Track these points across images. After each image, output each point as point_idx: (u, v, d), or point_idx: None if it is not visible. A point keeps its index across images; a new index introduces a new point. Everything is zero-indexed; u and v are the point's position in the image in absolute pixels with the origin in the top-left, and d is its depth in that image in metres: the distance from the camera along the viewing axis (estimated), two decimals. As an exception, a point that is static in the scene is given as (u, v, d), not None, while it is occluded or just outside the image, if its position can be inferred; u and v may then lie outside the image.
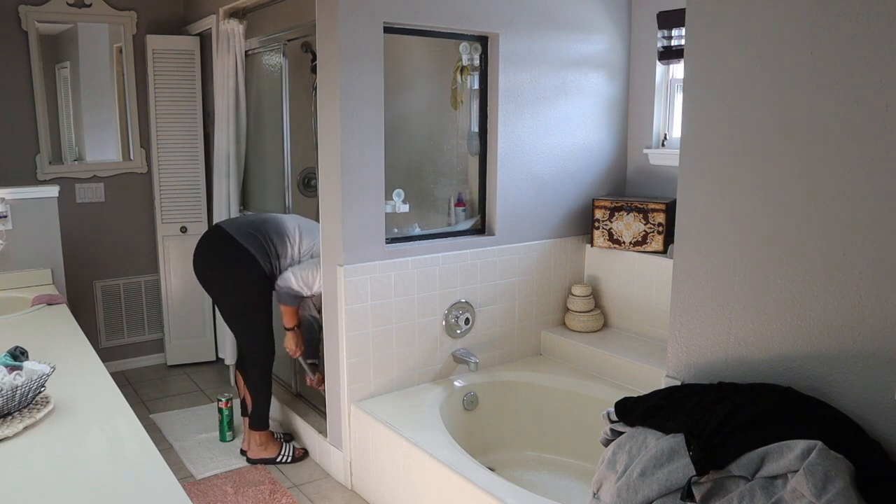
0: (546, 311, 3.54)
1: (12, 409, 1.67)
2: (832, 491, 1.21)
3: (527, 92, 3.26)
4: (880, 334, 1.35)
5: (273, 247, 3.10)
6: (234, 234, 3.07)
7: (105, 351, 4.39)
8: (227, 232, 3.09)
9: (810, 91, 1.42)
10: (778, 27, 1.47)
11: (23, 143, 4.02)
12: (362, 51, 2.75)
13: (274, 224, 3.18)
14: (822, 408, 1.41)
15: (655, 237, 3.29)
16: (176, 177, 4.32)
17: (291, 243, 3.14)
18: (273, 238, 3.11)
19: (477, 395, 3.20)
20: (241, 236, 3.07)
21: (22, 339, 2.24)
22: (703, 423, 1.42)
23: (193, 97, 4.28)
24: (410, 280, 3.04)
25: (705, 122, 1.63)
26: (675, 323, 1.73)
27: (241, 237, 3.06)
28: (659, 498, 1.41)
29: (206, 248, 3.13)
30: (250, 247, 3.05)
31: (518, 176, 3.31)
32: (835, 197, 1.40)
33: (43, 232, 3.18)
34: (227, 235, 3.08)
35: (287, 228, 3.17)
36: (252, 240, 3.07)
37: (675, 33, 3.39)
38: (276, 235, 3.12)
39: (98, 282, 4.35)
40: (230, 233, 3.08)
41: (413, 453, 2.61)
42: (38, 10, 3.96)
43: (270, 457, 3.23)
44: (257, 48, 3.78)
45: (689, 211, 1.68)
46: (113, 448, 1.60)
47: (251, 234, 3.08)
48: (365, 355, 2.98)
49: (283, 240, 3.13)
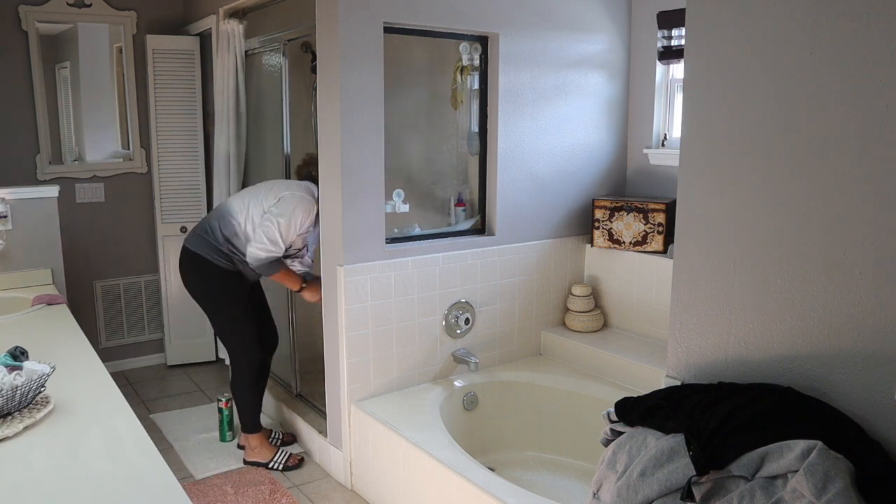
0: (546, 311, 3.54)
1: (12, 409, 1.67)
2: (832, 491, 1.21)
3: (527, 92, 3.26)
4: (880, 334, 1.35)
5: (218, 233, 3.03)
6: (188, 247, 3.09)
7: (105, 351, 4.39)
8: (184, 247, 3.12)
9: (810, 91, 1.42)
10: (778, 27, 1.47)
11: (23, 143, 4.02)
12: (362, 51, 2.75)
13: (218, 211, 3.15)
14: (822, 408, 1.41)
15: (655, 237, 3.29)
16: (176, 177, 4.32)
17: (240, 219, 3.04)
18: (216, 224, 3.06)
19: (477, 395, 3.20)
20: (192, 245, 3.08)
21: (22, 339, 2.24)
22: (703, 423, 1.42)
23: (193, 97, 4.28)
24: (410, 280, 3.04)
25: (705, 122, 1.63)
26: (675, 323, 1.73)
27: (193, 245, 3.08)
28: (659, 498, 1.41)
29: (180, 270, 3.18)
30: (199, 250, 3.05)
31: (518, 176, 3.31)
32: (835, 197, 1.40)
33: (43, 232, 3.18)
34: (184, 250, 3.11)
35: (231, 207, 3.09)
36: (198, 241, 3.07)
37: (675, 33, 3.39)
38: (219, 221, 3.06)
39: (98, 282, 4.35)
40: (186, 246, 3.11)
41: (413, 453, 2.61)
42: (38, 10, 3.96)
43: (263, 461, 3.23)
44: (257, 48, 3.78)
45: (689, 211, 1.68)
46: (113, 448, 1.60)
47: (197, 236, 3.09)
48: (365, 355, 2.98)
49: (228, 221, 3.05)
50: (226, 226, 3.05)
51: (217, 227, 3.06)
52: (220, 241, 3.04)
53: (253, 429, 3.24)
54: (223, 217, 3.08)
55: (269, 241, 2.95)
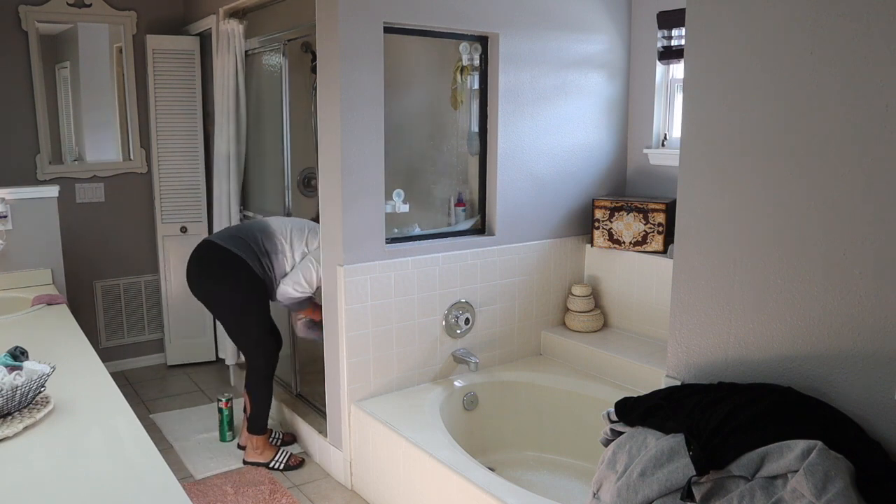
0: (546, 311, 3.54)
1: (12, 409, 1.67)
2: (832, 491, 1.21)
3: (527, 92, 3.26)
4: (880, 334, 1.35)
5: (261, 245, 3.10)
6: (220, 242, 3.11)
7: (105, 351, 4.39)
8: (214, 242, 3.13)
9: (810, 91, 1.42)
10: (778, 27, 1.47)
11: (23, 143, 4.02)
12: (362, 51, 2.75)
13: (259, 225, 3.22)
14: (822, 408, 1.41)
15: (655, 237, 3.29)
16: (176, 177, 4.32)
17: (283, 240, 3.14)
18: (259, 236, 3.12)
19: (477, 395, 3.20)
20: (227, 242, 3.10)
21: (22, 339, 2.24)
22: (703, 423, 1.42)
23: (193, 97, 4.28)
24: (410, 280, 3.04)
25: (705, 122, 1.63)
26: (675, 323, 1.73)
27: (228, 243, 3.10)
28: (659, 498, 1.41)
29: (198, 261, 3.17)
30: (237, 249, 3.07)
31: (518, 176, 3.31)
32: (835, 197, 1.40)
33: (43, 232, 3.18)
34: (214, 245, 3.12)
35: (273, 226, 3.19)
36: (238, 242, 3.10)
37: (675, 33, 3.39)
38: (262, 234, 3.14)
39: (98, 282, 4.35)
40: (217, 242, 3.12)
41: (413, 453, 2.61)
42: (38, 10, 3.96)
43: (264, 461, 3.23)
44: (257, 48, 3.78)
45: (689, 211, 1.68)
46: (113, 448, 1.60)
47: (236, 237, 3.12)
48: (365, 355, 2.98)
49: (272, 237, 3.14)
50: (268, 240, 3.13)
51: (260, 238, 3.12)
52: (262, 251, 3.10)
53: (262, 430, 3.24)
54: (265, 231, 3.15)
55: (306, 282, 3.08)
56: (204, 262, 3.14)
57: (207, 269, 3.13)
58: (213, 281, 3.13)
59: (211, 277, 3.13)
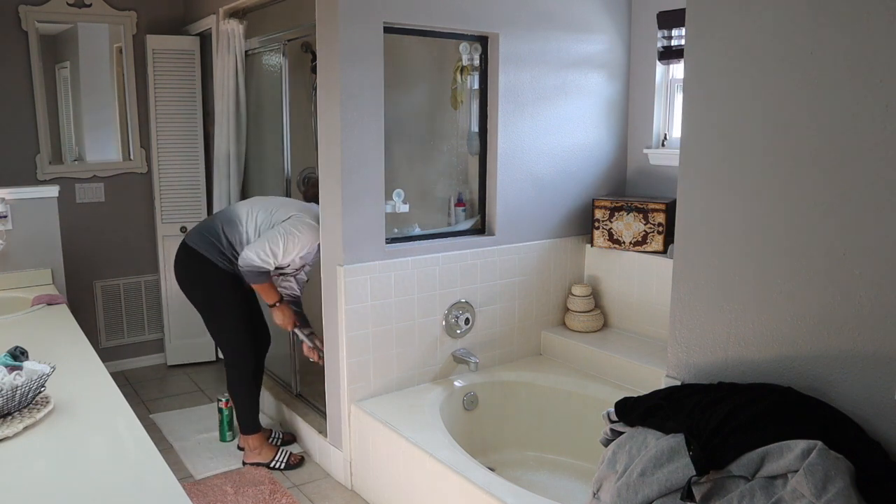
0: (546, 311, 3.54)
1: (12, 409, 1.67)
2: (832, 491, 1.21)
3: (527, 92, 3.26)
4: (880, 334, 1.35)
5: (224, 237, 3.06)
6: (189, 244, 3.10)
7: (105, 351, 4.39)
8: (184, 243, 3.13)
9: (810, 91, 1.42)
10: (778, 27, 1.47)
11: (23, 143, 4.02)
12: (362, 51, 2.75)
13: (224, 215, 3.18)
14: (822, 408, 1.41)
15: (655, 237, 3.29)
16: (176, 177, 4.32)
17: (241, 224, 3.08)
18: (222, 228, 3.09)
19: (477, 395, 3.20)
20: (194, 242, 3.09)
21: (22, 339, 2.24)
22: (703, 423, 1.42)
23: (193, 97, 4.28)
24: (410, 280, 3.04)
25: (705, 122, 1.63)
26: (675, 323, 1.73)
27: (194, 243, 3.09)
28: (659, 498, 1.41)
29: (175, 264, 3.18)
30: (201, 248, 3.06)
31: (518, 176, 3.31)
32: (835, 197, 1.40)
33: (43, 232, 3.18)
34: (184, 246, 3.12)
35: (237, 213, 3.13)
36: (201, 240, 3.08)
37: (675, 33, 3.39)
38: (225, 224, 3.10)
39: (98, 282, 4.35)
40: (186, 243, 3.12)
41: (413, 453, 2.61)
42: (38, 10, 3.96)
43: (264, 461, 3.23)
44: (257, 48, 3.78)
45: (689, 211, 1.68)
46: (113, 448, 1.60)
47: (201, 235, 3.10)
48: (365, 355, 2.98)
49: (233, 225, 3.09)
50: (231, 231, 3.08)
51: (221, 230, 3.08)
52: (224, 244, 3.06)
53: (252, 430, 3.23)
54: (230, 221, 3.10)
55: (269, 252, 2.96)
56: (178, 265, 3.16)
57: (182, 271, 3.16)
58: (188, 283, 3.16)
59: (186, 279, 3.16)
